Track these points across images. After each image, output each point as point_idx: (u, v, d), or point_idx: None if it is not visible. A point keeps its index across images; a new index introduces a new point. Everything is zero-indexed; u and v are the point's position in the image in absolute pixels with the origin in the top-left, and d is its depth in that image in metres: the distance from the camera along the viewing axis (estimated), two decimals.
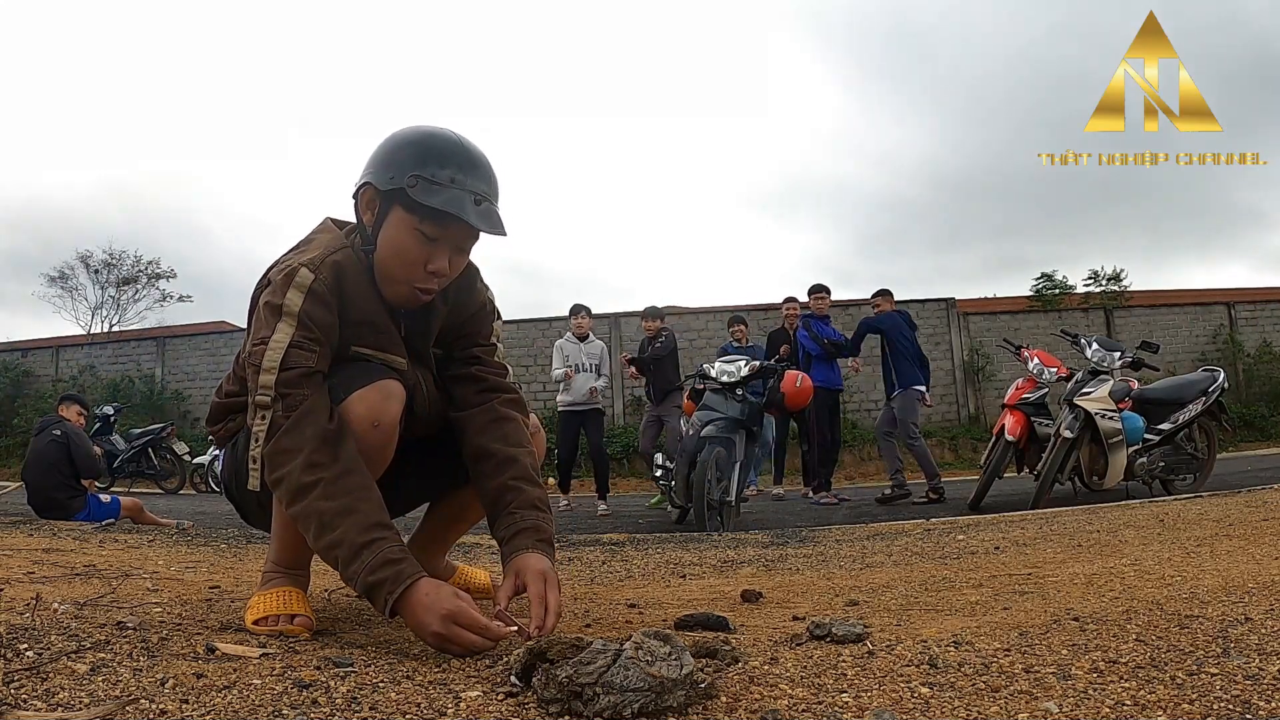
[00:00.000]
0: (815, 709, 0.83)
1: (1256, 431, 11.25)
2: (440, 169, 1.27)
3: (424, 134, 1.32)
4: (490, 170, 1.34)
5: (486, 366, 1.47)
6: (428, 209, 1.26)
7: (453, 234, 1.30)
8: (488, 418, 1.41)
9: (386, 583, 1.11)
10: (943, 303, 12.25)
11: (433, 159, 1.28)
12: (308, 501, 1.15)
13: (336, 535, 1.13)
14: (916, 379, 5.82)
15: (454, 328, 1.46)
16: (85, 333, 17.23)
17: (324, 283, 1.27)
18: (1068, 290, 14.59)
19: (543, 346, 11.35)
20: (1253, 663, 0.91)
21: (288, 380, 1.21)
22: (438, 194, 1.26)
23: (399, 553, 1.14)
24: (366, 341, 1.32)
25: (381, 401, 1.25)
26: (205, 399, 12.20)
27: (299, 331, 1.23)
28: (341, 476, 1.16)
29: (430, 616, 1.09)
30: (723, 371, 4.39)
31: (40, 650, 1.00)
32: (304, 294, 1.25)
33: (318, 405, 1.21)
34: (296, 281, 1.25)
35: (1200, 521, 2.63)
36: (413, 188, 1.26)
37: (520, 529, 1.30)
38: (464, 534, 1.79)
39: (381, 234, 1.31)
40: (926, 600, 1.56)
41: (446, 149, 1.29)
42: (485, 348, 1.49)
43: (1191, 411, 4.76)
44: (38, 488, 4.57)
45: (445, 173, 1.27)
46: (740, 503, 4.43)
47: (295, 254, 1.34)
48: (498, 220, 1.32)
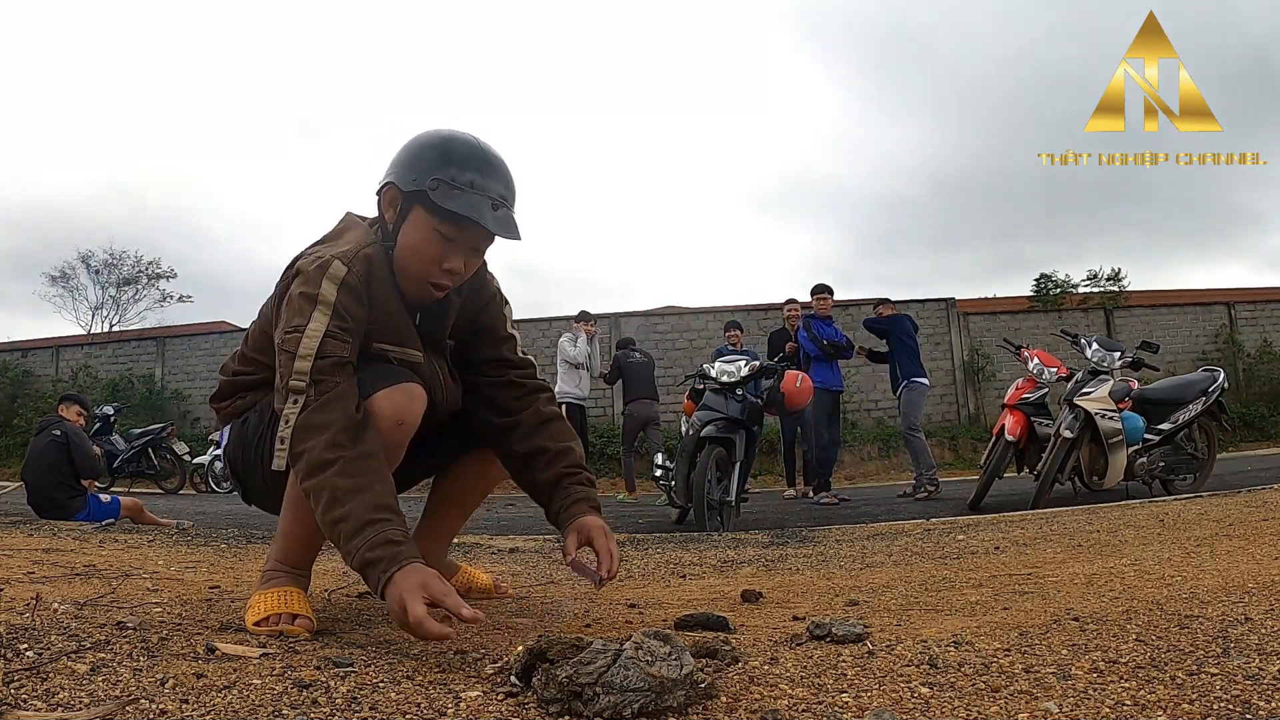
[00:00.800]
0: (815, 709, 0.83)
1: (1256, 431, 11.25)
2: (461, 173, 1.33)
3: (446, 138, 1.38)
4: (509, 175, 1.40)
5: (519, 369, 1.56)
6: (447, 211, 1.32)
7: (469, 236, 1.36)
8: (536, 420, 1.52)
9: (383, 561, 1.12)
10: (943, 303, 12.25)
11: (454, 163, 1.34)
12: (324, 476, 1.18)
13: (344, 510, 1.15)
14: (918, 373, 6.12)
15: (468, 319, 1.53)
16: (85, 333, 17.23)
17: (357, 275, 1.32)
18: (1068, 290, 14.59)
19: (543, 346, 11.34)
20: (1253, 663, 0.91)
21: (322, 368, 1.25)
22: (457, 198, 1.32)
23: (401, 536, 1.15)
24: (386, 337, 1.38)
25: (406, 403, 1.32)
26: (205, 399, 12.15)
27: (334, 321, 1.28)
28: (361, 458, 1.19)
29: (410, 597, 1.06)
30: (723, 371, 4.39)
31: (40, 650, 1.00)
32: (338, 285, 1.30)
33: (348, 393, 1.25)
34: (331, 273, 1.30)
35: (1200, 521, 2.63)
36: (434, 190, 1.32)
37: (577, 499, 1.45)
38: (463, 523, 1.82)
39: (401, 232, 1.38)
40: (926, 600, 1.56)
41: (467, 153, 1.36)
42: (509, 344, 1.57)
43: (1191, 411, 4.76)
44: (38, 488, 4.57)
45: (465, 177, 1.33)
46: (740, 503, 4.43)
47: (326, 246, 1.39)
48: (513, 225, 1.38)
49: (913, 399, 6.05)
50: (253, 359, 1.47)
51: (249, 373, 1.48)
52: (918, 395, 6.09)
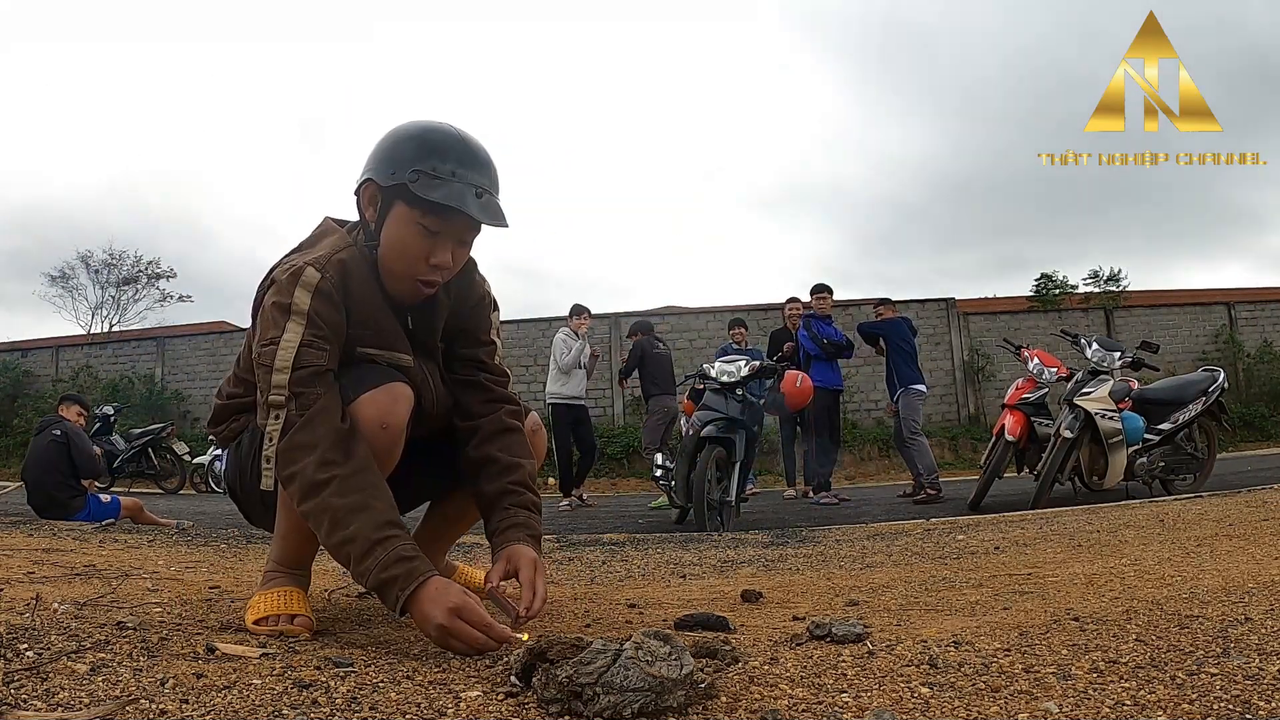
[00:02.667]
0: (815, 709, 0.83)
1: (1256, 431, 11.25)
2: (441, 163, 1.28)
3: (423, 129, 1.33)
4: (490, 163, 1.35)
5: (491, 374, 1.50)
6: (429, 203, 1.27)
7: (455, 227, 1.32)
8: (495, 428, 1.44)
9: (400, 579, 1.12)
10: (943, 303, 12.24)
11: (433, 153, 1.29)
12: (321, 498, 1.16)
13: (350, 532, 1.14)
14: (916, 378, 6.04)
15: (456, 320, 1.48)
16: (85, 333, 17.22)
17: (331, 281, 1.28)
18: (1068, 290, 14.57)
19: (543, 346, 11.33)
20: (1253, 663, 0.91)
21: (301, 379, 1.22)
22: (439, 188, 1.27)
23: (411, 550, 1.15)
24: (371, 341, 1.33)
25: (390, 404, 1.27)
26: (205, 399, 12.21)
27: (309, 330, 1.24)
28: (355, 474, 1.17)
29: (436, 609, 1.09)
30: (723, 371, 4.39)
31: (40, 650, 1.00)
32: (311, 293, 1.26)
33: (331, 404, 1.22)
34: (304, 280, 1.26)
35: (1200, 521, 2.63)
36: (414, 183, 1.27)
37: (515, 523, 1.36)
38: (463, 534, 1.80)
39: (384, 229, 1.33)
40: (926, 600, 1.56)
41: (446, 143, 1.31)
42: (487, 348, 1.51)
43: (1191, 411, 4.76)
44: (38, 487, 4.57)
45: (446, 166, 1.28)
46: (740, 503, 4.43)
47: (300, 254, 1.34)
48: (499, 212, 1.33)
49: (911, 404, 5.98)
50: (244, 380, 1.41)
51: (241, 394, 1.43)
52: (916, 401, 6.01)
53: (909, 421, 5.93)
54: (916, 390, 6.02)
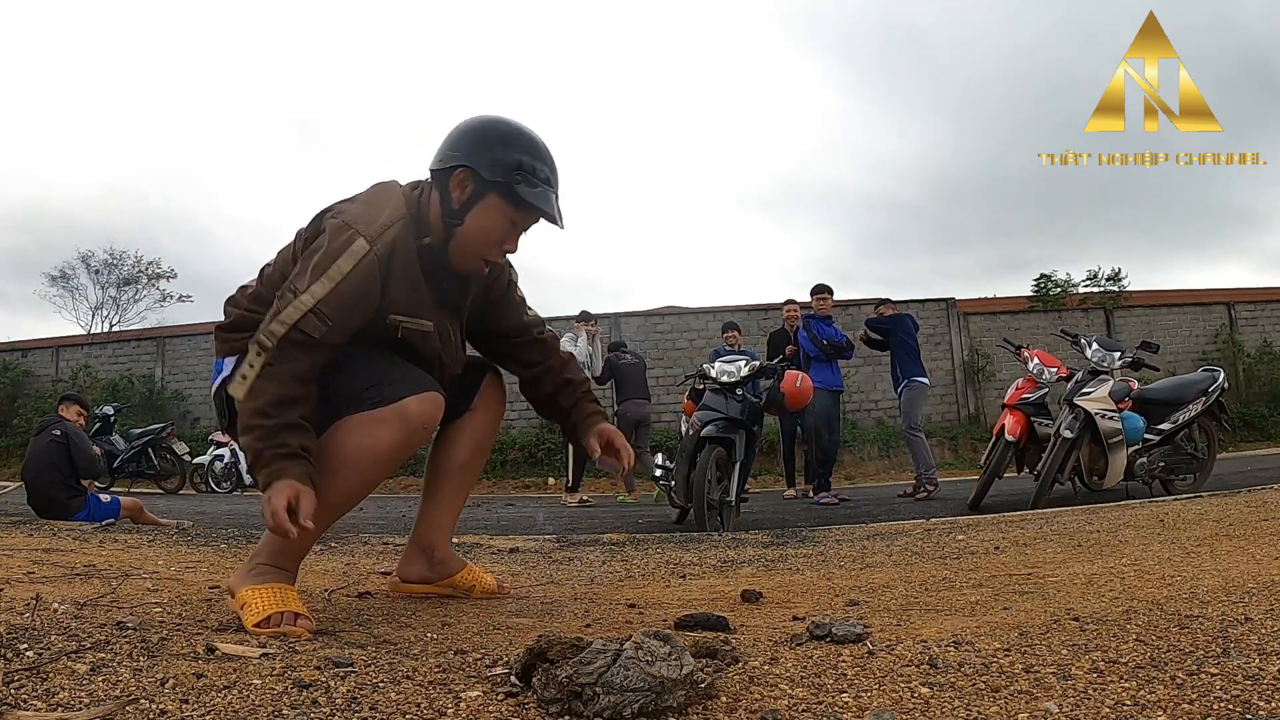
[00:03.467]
0: (815, 709, 0.83)
1: (1256, 431, 11.23)
2: (540, 168, 1.48)
3: (527, 135, 1.51)
4: None
5: (537, 327, 1.78)
6: (528, 204, 1.47)
7: (531, 223, 1.54)
8: (560, 364, 1.78)
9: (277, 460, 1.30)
10: (943, 303, 12.24)
11: (536, 159, 1.48)
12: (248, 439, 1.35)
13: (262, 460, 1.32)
14: (919, 372, 6.17)
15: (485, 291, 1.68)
16: (85, 333, 17.21)
17: (377, 255, 1.40)
18: (1068, 290, 14.57)
19: None
20: (1253, 663, 0.91)
21: (291, 339, 1.35)
22: (538, 194, 1.47)
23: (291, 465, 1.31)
24: (400, 309, 1.48)
25: (434, 411, 1.47)
26: (205, 399, 12.19)
27: (326, 301, 1.36)
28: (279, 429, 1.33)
29: (277, 496, 1.27)
30: (723, 371, 4.38)
31: (40, 650, 1.00)
32: (353, 264, 1.38)
33: (298, 370, 1.36)
34: (351, 250, 1.38)
35: (1200, 521, 2.63)
36: (519, 184, 1.45)
37: (594, 410, 1.76)
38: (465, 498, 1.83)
39: (471, 214, 1.48)
40: (926, 600, 1.56)
41: (541, 150, 1.51)
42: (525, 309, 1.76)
43: (1191, 411, 4.76)
44: (38, 487, 4.57)
45: (543, 172, 1.49)
46: (740, 503, 4.43)
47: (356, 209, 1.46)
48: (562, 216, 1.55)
49: (913, 398, 6.10)
50: (267, 300, 1.49)
51: (260, 312, 1.49)
52: (918, 394, 6.14)
53: (909, 416, 6.05)
54: (919, 383, 6.14)
